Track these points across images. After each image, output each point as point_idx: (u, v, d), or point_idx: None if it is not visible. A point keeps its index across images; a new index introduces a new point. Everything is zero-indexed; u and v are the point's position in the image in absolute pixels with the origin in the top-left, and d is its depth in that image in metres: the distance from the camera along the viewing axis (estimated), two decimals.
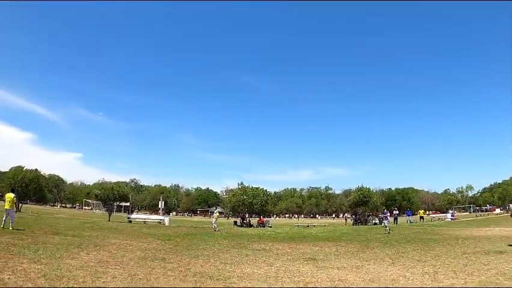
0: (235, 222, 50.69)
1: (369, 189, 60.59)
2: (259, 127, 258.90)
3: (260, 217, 56.00)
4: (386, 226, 32.20)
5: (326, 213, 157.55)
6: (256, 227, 46.82)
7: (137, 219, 46.81)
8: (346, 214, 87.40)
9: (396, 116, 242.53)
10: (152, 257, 13.94)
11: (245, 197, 52.81)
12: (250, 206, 53.43)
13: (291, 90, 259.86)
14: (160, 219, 46.30)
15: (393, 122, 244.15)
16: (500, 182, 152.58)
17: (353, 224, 51.30)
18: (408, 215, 59.18)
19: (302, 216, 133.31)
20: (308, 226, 48.16)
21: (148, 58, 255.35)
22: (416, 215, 68.14)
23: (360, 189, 59.30)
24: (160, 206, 72.33)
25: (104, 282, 9.03)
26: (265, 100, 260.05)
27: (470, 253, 16.30)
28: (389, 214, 36.10)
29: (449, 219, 59.30)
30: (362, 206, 58.98)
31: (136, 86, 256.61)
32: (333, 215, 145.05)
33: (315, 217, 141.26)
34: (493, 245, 18.83)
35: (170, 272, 10.97)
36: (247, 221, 50.16)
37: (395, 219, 54.09)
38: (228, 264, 13.37)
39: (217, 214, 38.89)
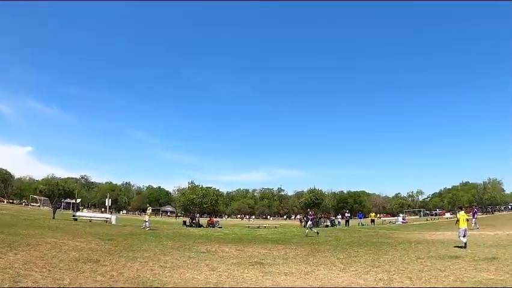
0: (184, 222, 49.48)
1: (321, 191, 60.82)
2: (214, 126, 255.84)
3: (210, 217, 55.04)
4: (310, 228, 31.55)
5: (278, 214, 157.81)
6: (206, 227, 45.76)
7: (83, 217, 44.89)
8: (299, 216, 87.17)
9: (348, 120, 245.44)
10: (85, 259, 13.15)
11: (194, 196, 51.78)
12: (200, 206, 52.38)
13: (247, 90, 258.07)
14: (107, 218, 44.65)
15: (346, 125, 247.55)
16: (450, 187, 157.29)
17: (304, 226, 50.63)
18: (360, 218, 59.16)
19: (253, 217, 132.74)
20: (259, 227, 47.19)
21: (106, 51, 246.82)
22: (367, 217, 68.49)
23: (312, 191, 59.37)
24: (107, 204, 70.19)
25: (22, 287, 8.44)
26: (222, 99, 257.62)
27: (425, 258, 15.60)
28: (314, 216, 35.59)
29: (400, 223, 59.81)
30: (314, 208, 58.96)
31: (90, 80, 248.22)
32: (285, 217, 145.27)
33: (267, 218, 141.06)
34: (447, 250, 18.27)
35: (100, 277, 10.19)
36: (197, 221, 48.89)
37: (347, 221, 54.33)
38: (167, 268, 12.55)
39: (150, 211, 37.45)
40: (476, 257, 15.12)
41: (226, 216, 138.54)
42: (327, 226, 50.43)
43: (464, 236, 19.11)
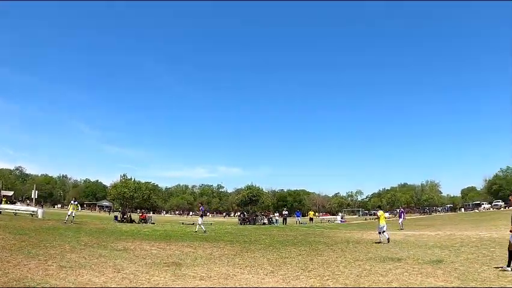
0: (116, 217, 47.57)
1: (258, 188, 59.15)
2: (158, 121, 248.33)
3: (143, 213, 52.47)
4: (199, 224, 30.09)
5: (217, 211, 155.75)
6: (138, 223, 43.04)
7: (7, 210, 42.22)
8: (239, 213, 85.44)
9: (290, 119, 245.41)
10: None
11: (126, 190, 48.80)
12: (131, 200, 49.61)
13: (192, 86, 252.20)
14: (33, 211, 41.58)
15: (288, 124, 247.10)
16: (389, 188, 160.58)
17: (240, 224, 48.90)
18: (298, 216, 57.99)
19: (192, 213, 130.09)
20: (193, 224, 44.83)
21: (47, 34, 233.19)
22: (306, 216, 67.70)
23: (249, 188, 57.65)
24: (33, 196, 66.13)
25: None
26: (167, 94, 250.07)
27: (364, 260, 14.09)
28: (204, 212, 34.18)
29: (339, 222, 59.46)
30: (251, 205, 57.41)
31: (32, 67, 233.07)
32: (224, 214, 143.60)
33: (205, 215, 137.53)
34: (387, 251, 16.88)
35: None
36: (128, 216, 46.40)
37: (284, 219, 53.04)
38: (66, 267, 10.97)
39: (74, 204, 34.59)
40: (420, 259, 13.75)
41: (164, 212, 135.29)
42: (264, 224, 48.78)
43: (383, 232, 20.63)
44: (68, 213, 32.27)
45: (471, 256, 13.53)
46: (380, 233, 20.94)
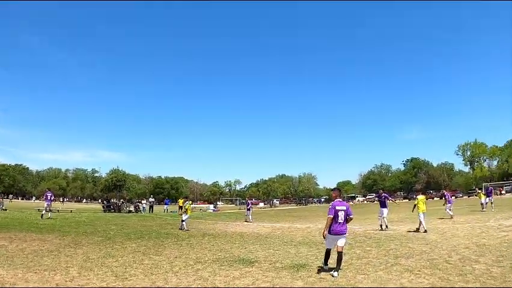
0: None
1: (124, 172, 54.42)
2: (29, 96, 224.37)
3: None
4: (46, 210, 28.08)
5: (91, 197, 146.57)
6: None
7: None
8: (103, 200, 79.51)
9: (171, 105, 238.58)
10: None
11: None
12: None
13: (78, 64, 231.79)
14: None
15: (173, 110, 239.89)
16: (267, 179, 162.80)
17: (104, 211, 44.28)
18: (167, 204, 54.13)
19: (66, 199, 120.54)
20: (51, 211, 39.13)
21: None
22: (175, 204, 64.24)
23: (114, 172, 52.81)
24: None
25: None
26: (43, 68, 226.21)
27: (209, 262, 11.07)
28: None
29: (211, 211, 56.69)
30: (115, 191, 52.75)
31: None
32: (100, 200, 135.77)
33: (80, 201, 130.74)
34: (244, 249, 13.91)
35: None
36: None
37: (151, 207, 49.18)
38: None
39: None
40: (278, 262, 10.88)
41: (34, 198, 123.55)
42: (130, 212, 44.64)
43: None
44: None
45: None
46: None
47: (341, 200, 9.73)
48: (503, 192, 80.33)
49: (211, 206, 64.31)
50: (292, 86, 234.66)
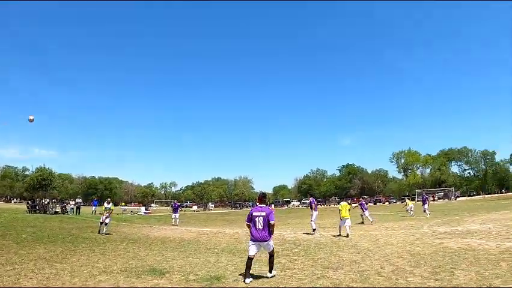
0: None
1: (51, 171, 51.24)
2: None
3: None
4: None
5: (21, 197, 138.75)
6: None
7: None
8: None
9: (107, 104, 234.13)
10: None
11: None
12: None
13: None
14: None
15: (105, 110, 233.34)
16: (203, 181, 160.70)
17: (29, 212, 41.41)
18: (95, 205, 51.01)
19: None
20: None
21: None
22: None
23: (40, 170, 49.61)
24: None
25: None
26: None
27: (116, 271, 9.82)
28: None
29: (142, 213, 54.59)
30: (41, 190, 49.61)
31: None
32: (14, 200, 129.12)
33: (9, 201, 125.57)
34: (160, 257, 12.54)
35: None
36: None
37: (78, 208, 46.58)
38: None
39: None
40: (193, 273, 9.58)
41: None
42: (56, 213, 42.09)
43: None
44: None
45: (266, 268, 9.83)
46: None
47: (263, 205, 9.26)
48: (435, 198, 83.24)
49: (143, 209, 62.12)
50: (230, 89, 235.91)
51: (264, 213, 8.91)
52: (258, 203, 9.36)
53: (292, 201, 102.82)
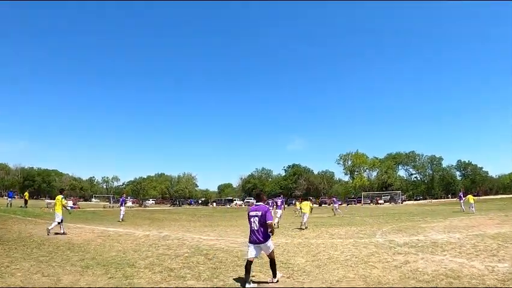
0: None
1: None
2: None
3: None
4: None
5: None
6: None
7: None
8: None
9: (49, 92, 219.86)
10: None
11: None
12: None
13: None
14: None
15: (46, 99, 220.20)
16: (146, 176, 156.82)
17: None
18: (10, 197, 44.94)
19: None
20: None
21: None
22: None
23: None
24: None
25: None
26: None
27: None
28: None
29: (69, 208, 48.84)
30: None
31: None
32: None
33: None
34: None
35: None
36: None
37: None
38: None
39: None
40: None
41: None
42: None
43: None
44: None
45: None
46: None
47: (260, 203, 8.41)
48: (380, 201, 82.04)
49: (70, 203, 56.32)
50: (180, 83, 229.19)
51: (260, 213, 8.09)
52: (255, 202, 8.59)
53: (235, 199, 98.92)
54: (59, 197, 17.29)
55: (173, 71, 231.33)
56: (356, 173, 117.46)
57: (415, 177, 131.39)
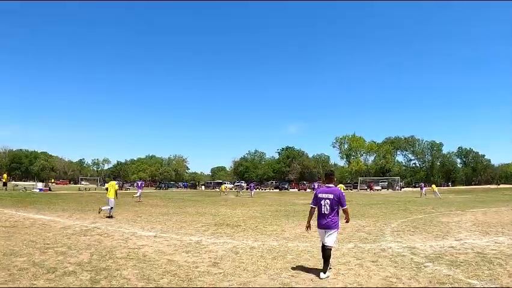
0: None
1: None
2: None
3: None
4: None
5: None
6: None
7: None
8: None
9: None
10: None
11: None
12: None
13: None
14: None
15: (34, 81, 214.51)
16: (136, 158, 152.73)
17: None
18: None
19: None
20: None
21: None
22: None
23: None
24: None
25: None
26: None
27: None
28: None
29: (37, 190, 43.49)
30: None
31: None
32: None
33: None
34: None
35: None
36: None
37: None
38: None
39: None
40: None
41: None
42: None
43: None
44: None
45: None
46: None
47: (331, 185, 7.34)
48: (377, 187, 78.67)
49: (40, 185, 50.79)
50: (176, 67, 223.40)
51: (331, 196, 7.07)
52: (325, 183, 7.54)
53: (225, 183, 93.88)
54: (113, 182, 17.75)
55: (167, 53, 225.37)
56: (352, 157, 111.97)
57: (414, 163, 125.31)
